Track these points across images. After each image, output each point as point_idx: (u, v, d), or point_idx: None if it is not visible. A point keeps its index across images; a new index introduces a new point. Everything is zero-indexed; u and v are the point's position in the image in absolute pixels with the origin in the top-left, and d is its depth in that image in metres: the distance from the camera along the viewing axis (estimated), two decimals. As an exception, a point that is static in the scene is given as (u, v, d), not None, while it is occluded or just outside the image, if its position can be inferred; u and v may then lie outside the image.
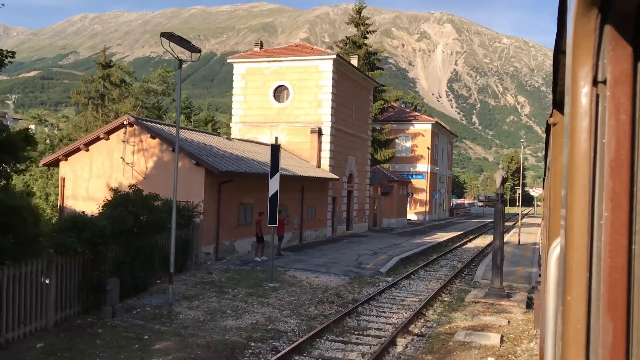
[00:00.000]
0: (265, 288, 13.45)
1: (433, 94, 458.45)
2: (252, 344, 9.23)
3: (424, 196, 43.88)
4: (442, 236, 30.49)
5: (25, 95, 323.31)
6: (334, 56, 25.47)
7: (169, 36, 10.12)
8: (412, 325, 10.90)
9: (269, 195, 13.80)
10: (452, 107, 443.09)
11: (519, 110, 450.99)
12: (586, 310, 0.99)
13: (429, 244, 25.60)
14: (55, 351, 8.49)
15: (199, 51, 11.48)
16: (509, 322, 11.41)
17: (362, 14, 44.40)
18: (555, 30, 1.71)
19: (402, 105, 49.16)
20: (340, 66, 26.33)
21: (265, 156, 17.62)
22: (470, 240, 31.08)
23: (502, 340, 9.95)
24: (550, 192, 3.86)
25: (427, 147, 43.63)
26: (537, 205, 71.29)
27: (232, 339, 9.45)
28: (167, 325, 10.07)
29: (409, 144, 45.51)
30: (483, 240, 31.09)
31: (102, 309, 10.25)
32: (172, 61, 11.88)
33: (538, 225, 37.56)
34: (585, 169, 0.99)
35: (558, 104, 2.95)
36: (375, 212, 33.53)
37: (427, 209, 44.00)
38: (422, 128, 45.18)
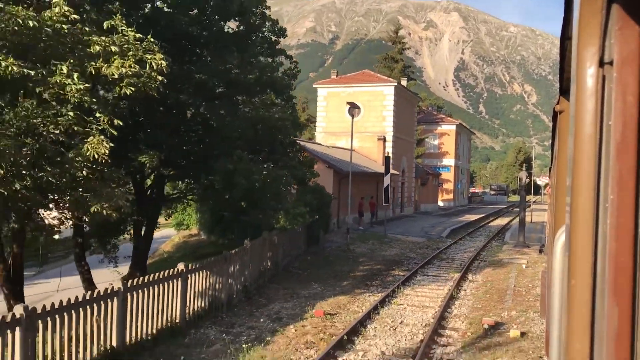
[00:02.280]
0: (383, 241, 23.05)
1: (440, 83, 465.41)
2: (402, 260, 18.80)
3: (449, 186, 53.46)
4: (470, 217, 40.04)
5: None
6: (395, 83, 34.97)
7: (353, 105, 19.54)
8: (477, 257, 20.41)
9: (384, 186, 23.35)
10: (458, 96, 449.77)
11: (526, 99, 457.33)
12: (591, 295, 0.98)
13: (464, 222, 35.17)
14: (306, 263, 18.02)
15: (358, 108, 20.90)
16: (529, 257, 20.87)
17: (399, 34, 53.54)
18: (562, 16, 1.68)
19: (430, 109, 58.49)
20: (398, 90, 35.80)
21: (355, 158, 27.07)
22: (492, 221, 40.68)
23: (527, 263, 19.43)
24: (557, 181, 3.77)
25: (453, 145, 53.12)
26: (544, 194, 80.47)
27: (390, 258, 19.04)
28: (352, 253, 19.65)
29: (436, 142, 54.91)
30: (502, 221, 40.64)
31: (317, 246, 19.81)
32: None
33: (544, 210, 46.95)
34: (590, 152, 0.98)
35: (565, 91, 2.88)
36: (415, 199, 43.11)
37: (453, 197, 53.61)
38: (448, 128, 54.55)
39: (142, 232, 15.72)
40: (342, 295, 13.15)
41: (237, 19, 14.08)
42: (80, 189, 8.42)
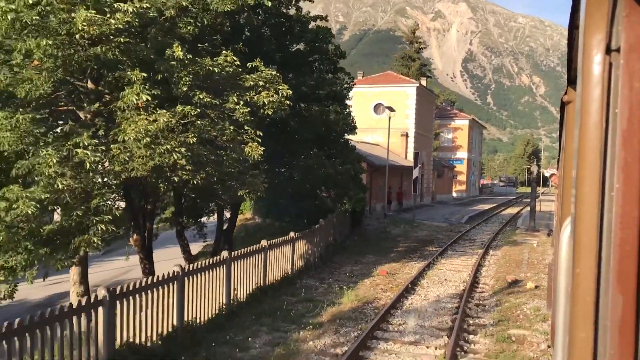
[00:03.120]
0: (413, 225, 26.95)
1: (447, 74, 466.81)
2: (433, 240, 22.72)
3: (462, 178, 57.26)
4: (483, 207, 43.88)
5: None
6: (417, 84, 38.74)
7: (390, 109, 23.33)
8: (494, 239, 24.27)
9: (413, 178, 27.21)
10: (466, 88, 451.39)
11: (534, 90, 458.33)
12: (595, 283, 0.98)
13: (479, 211, 39.02)
14: (355, 241, 21.93)
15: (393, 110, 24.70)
16: (539, 239, 24.70)
17: (415, 34, 57.11)
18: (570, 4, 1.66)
19: (444, 104, 62.17)
20: (419, 90, 39.56)
21: (378, 151, 30.86)
22: (504, 210, 44.52)
23: (537, 243, 23.27)
24: (564, 172, 3.75)
25: (466, 139, 56.87)
26: (552, 186, 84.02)
27: (422, 238, 22.95)
28: (390, 234, 23.58)
29: (450, 136, 58.61)
30: (513, 210, 44.46)
31: (359, 228, 23.72)
32: None
33: (552, 200, 50.66)
34: (596, 140, 0.97)
35: (572, 81, 2.84)
36: (432, 190, 46.98)
37: (465, 188, 57.43)
38: (461, 123, 58.22)
39: (229, 215, 19.67)
40: (394, 263, 17.10)
41: (310, 44, 17.88)
42: (232, 180, 12.34)
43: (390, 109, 26.38)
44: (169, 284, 8.56)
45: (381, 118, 39.36)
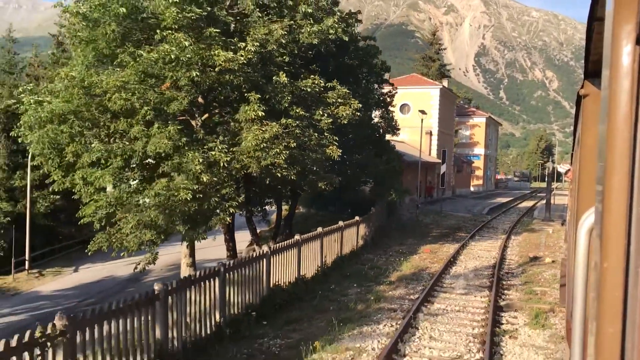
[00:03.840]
0: (441, 215, 30.39)
1: (460, 69, 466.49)
2: (461, 227, 26.15)
3: (479, 173, 60.48)
4: (501, 200, 47.15)
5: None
6: (440, 86, 42.06)
7: (422, 112, 26.69)
8: (514, 227, 27.64)
9: (441, 173, 30.63)
10: (479, 82, 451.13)
11: (547, 85, 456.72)
12: (624, 278, 0.98)
13: (497, 203, 42.33)
14: (393, 228, 25.42)
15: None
16: (553, 227, 28.02)
17: (435, 35, 60.27)
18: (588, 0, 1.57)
19: (462, 102, 65.30)
20: (442, 91, 42.86)
21: (404, 148, 34.26)
22: (520, 203, 47.79)
23: (552, 230, 26.60)
24: (580, 166, 3.69)
25: (483, 136, 60.08)
26: (565, 181, 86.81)
27: (451, 226, 26.40)
28: (422, 223, 27.04)
29: (468, 133, 61.77)
30: (528, 203, 47.69)
31: (394, 217, 27.19)
32: None
33: (564, 195, 53.75)
34: (626, 133, 0.97)
35: (590, 75, 2.82)
36: (453, 184, 50.32)
37: (482, 182, 60.67)
38: (479, 121, 61.34)
39: (287, 205, 23.26)
40: (433, 244, 20.58)
41: (360, 60, 21.30)
42: (314, 175, 15.86)
43: (423, 112, 29.76)
44: (293, 248, 12.15)
45: (406, 117, 42.73)
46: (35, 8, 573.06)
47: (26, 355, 5.27)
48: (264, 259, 10.60)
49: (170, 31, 13.07)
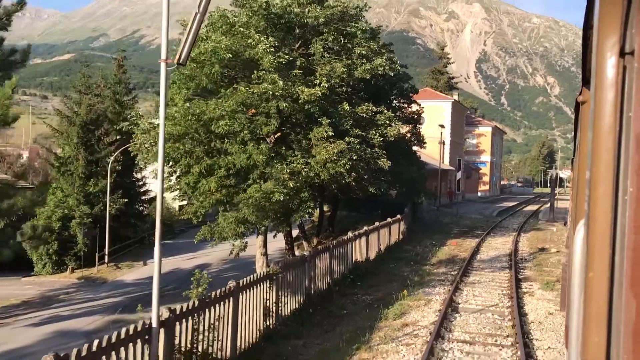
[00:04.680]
0: (457, 217, 34.58)
1: (461, 75, 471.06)
2: (477, 226, 30.34)
3: (486, 179, 64.70)
4: (507, 204, 51.33)
5: (62, 78, 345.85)
6: (452, 100, 46.37)
7: (441, 126, 30.96)
8: (523, 226, 31.80)
9: (456, 180, 34.85)
10: (480, 88, 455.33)
11: (549, 91, 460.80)
12: (608, 287, 0.99)
13: (504, 207, 46.52)
14: (418, 227, 29.59)
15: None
16: (557, 227, 32.15)
17: (444, 50, 64.66)
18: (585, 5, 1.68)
19: (469, 112, 69.61)
20: (454, 104, 47.16)
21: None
22: (525, 207, 51.97)
23: (556, 229, 30.75)
24: (578, 172, 3.76)
25: (489, 144, 64.38)
26: (567, 186, 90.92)
27: (468, 225, 30.58)
28: (442, 223, 31.23)
29: (475, 141, 65.97)
30: (533, 207, 51.85)
31: (416, 217, 31.34)
32: None
33: (566, 199, 57.94)
34: (610, 143, 0.98)
35: (587, 82, 2.88)
36: (463, 189, 54.54)
37: (489, 188, 64.89)
38: (485, 130, 65.57)
39: (330, 209, 27.44)
40: (456, 239, 24.75)
41: (391, 83, 25.53)
42: (366, 182, 20.04)
43: (442, 126, 33.97)
44: (364, 236, 16.36)
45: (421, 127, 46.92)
46: (39, 16, 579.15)
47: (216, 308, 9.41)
48: (350, 242, 14.80)
49: (264, 72, 17.29)
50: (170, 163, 19.07)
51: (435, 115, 46.45)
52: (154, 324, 6.40)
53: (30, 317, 20.37)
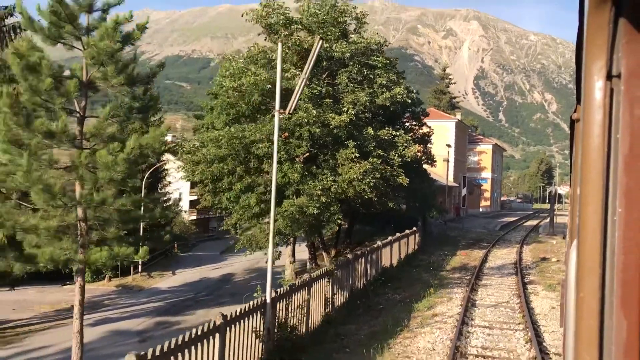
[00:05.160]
0: (463, 230, 36.98)
1: (459, 92, 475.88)
2: (482, 239, 32.76)
3: (487, 195, 67.20)
4: (509, 219, 53.77)
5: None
6: (456, 120, 49.07)
7: (448, 145, 33.55)
8: (525, 239, 34.21)
9: (462, 195, 37.32)
10: (478, 105, 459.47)
11: (546, 107, 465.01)
12: (599, 307, 1.00)
13: (506, 222, 48.96)
14: (428, 240, 32.00)
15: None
16: (557, 240, 34.56)
17: (446, 71, 67.61)
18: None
19: (470, 130, 72.35)
20: (458, 124, 49.82)
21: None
22: (525, 221, 54.42)
23: (556, 242, 33.16)
24: (574, 189, 3.80)
25: (490, 162, 67.03)
26: (565, 202, 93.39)
27: (474, 238, 32.99)
28: (450, 236, 33.65)
29: (476, 158, 68.59)
30: (533, 222, 54.29)
31: (425, 231, 33.77)
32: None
33: (565, 215, 60.41)
34: (598, 164, 1.00)
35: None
36: (466, 205, 57.00)
37: (490, 204, 67.38)
38: (485, 147, 68.23)
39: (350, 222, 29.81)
40: (465, 250, 27.13)
41: (404, 106, 28.09)
42: (386, 197, 22.48)
43: (448, 145, 36.51)
44: (389, 245, 18.76)
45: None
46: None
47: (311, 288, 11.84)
48: (379, 250, 17.22)
49: (300, 101, 19.80)
50: (206, 182, 21.52)
51: (440, 134, 49.04)
52: (268, 301, 8.76)
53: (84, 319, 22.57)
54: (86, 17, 8.47)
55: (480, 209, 67.07)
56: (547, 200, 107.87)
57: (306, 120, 19.59)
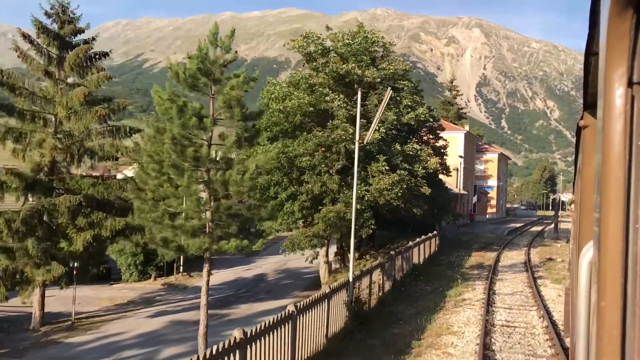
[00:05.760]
0: (474, 235, 40.11)
1: (462, 99, 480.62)
2: (493, 243, 35.89)
3: (493, 202, 70.40)
4: (515, 225, 56.92)
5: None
6: (465, 131, 52.35)
7: (460, 156, 36.75)
8: (531, 243, 37.30)
9: (472, 203, 40.49)
10: (480, 112, 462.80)
11: (549, 114, 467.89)
12: (621, 317, 0.99)
13: (512, 228, 52.12)
14: (443, 244, 35.16)
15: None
16: (561, 243, 37.65)
17: (453, 83, 70.98)
18: (587, 32, 1.75)
19: (476, 140, 75.60)
20: (467, 135, 53.10)
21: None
22: (530, 227, 57.57)
23: (560, 245, 36.26)
24: (580, 196, 3.83)
25: (496, 170, 70.26)
26: (568, 209, 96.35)
27: (485, 242, 36.11)
28: (463, 240, 36.78)
29: (482, 167, 71.80)
30: (538, 228, 57.42)
31: (440, 235, 36.90)
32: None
33: (568, 221, 63.54)
34: (619, 172, 1.00)
35: (589, 106, 2.93)
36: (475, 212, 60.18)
37: (496, 210, 70.57)
38: (491, 156, 71.45)
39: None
40: (479, 252, 30.27)
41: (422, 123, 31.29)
42: (410, 204, 25.68)
43: (461, 157, 39.71)
44: (419, 245, 21.93)
45: (437, 156, 52.77)
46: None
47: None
48: (411, 249, 20.38)
49: (338, 121, 23.03)
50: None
51: (450, 145, 52.26)
52: (351, 280, 11.91)
53: (142, 312, 25.69)
54: (220, 71, 11.62)
55: (487, 216, 70.20)
56: (550, 207, 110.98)
57: (343, 137, 22.82)
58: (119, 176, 29.41)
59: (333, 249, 30.50)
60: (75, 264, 21.91)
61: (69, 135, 22.58)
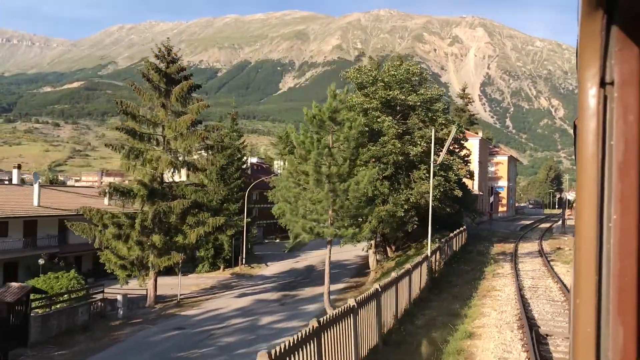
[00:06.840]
0: (491, 231, 46.14)
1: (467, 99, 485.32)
2: (509, 237, 41.96)
3: (504, 201, 76.41)
4: (525, 222, 62.93)
5: (72, 106, 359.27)
6: (480, 137, 58.42)
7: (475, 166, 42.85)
8: (542, 237, 43.31)
9: (489, 202, 46.54)
10: (485, 111, 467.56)
11: (553, 113, 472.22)
12: (596, 314, 1.02)
13: (523, 224, 58.14)
14: (467, 237, 41.20)
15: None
16: (568, 237, 43.60)
17: (465, 91, 76.98)
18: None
19: (487, 143, 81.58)
20: (481, 141, 59.15)
21: None
22: (539, 224, 63.58)
23: (567, 238, 42.22)
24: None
25: (506, 171, 76.30)
26: (574, 207, 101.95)
27: (503, 236, 42.17)
28: (482, 234, 42.85)
29: (493, 168, 77.82)
30: (546, 224, 63.37)
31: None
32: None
33: (573, 218, 69.50)
34: (593, 171, 1.02)
35: None
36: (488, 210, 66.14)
37: (506, 209, 76.60)
38: (502, 159, 77.48)
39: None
40: (499, 244, 36.32)
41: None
42: (442, 204, 31.77)
43: (480, 162, 45.69)
44: (453, 238, 28.04)
45: (454, 160, 58.85)
46: (48, 45, 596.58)
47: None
48: (452, 239, 26.43)
49: (388, 138, 29.09)
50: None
51: (465, 151, 58.32)
52: (429, 254, 17.96)
53: (227, 294, 31.82)
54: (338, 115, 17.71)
55: (499, 214, 76.19)
56: (557, 206, 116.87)
57: (392, 150, 28.92)
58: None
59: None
60: (184, 255, 28.03)
61: (175, 152, 28.74)
